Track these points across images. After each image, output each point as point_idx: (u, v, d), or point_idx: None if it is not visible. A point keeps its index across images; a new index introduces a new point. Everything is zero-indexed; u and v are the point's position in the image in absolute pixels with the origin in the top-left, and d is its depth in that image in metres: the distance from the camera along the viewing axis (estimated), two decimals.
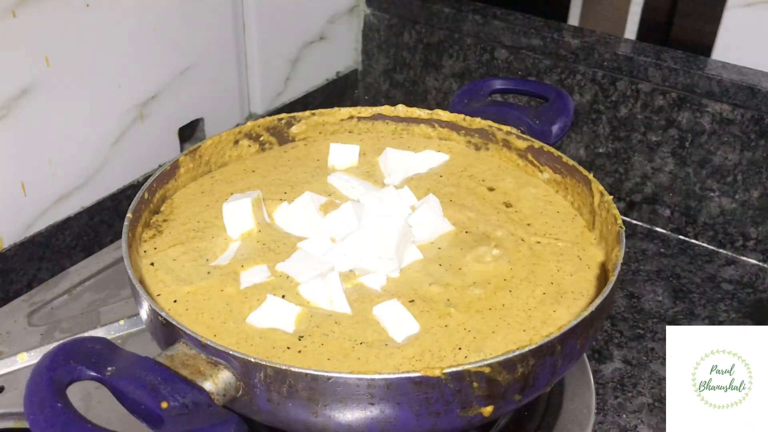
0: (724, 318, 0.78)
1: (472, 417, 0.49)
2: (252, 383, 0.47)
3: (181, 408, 0.44)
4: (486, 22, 0.96)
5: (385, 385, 0.46)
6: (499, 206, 0.66)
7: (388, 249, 0.57)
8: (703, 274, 0.85)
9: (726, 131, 0.83)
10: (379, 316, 0.54)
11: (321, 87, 1.07)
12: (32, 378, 0.43)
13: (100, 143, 0.81)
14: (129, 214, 0.59)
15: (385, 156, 0.71)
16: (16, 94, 0.71)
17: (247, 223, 0.62)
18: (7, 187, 0.74)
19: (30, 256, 0.77)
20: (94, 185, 0.81)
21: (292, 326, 0.53)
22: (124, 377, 0.45)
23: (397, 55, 1.07)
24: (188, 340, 0.48)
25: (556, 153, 0.68)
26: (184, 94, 0.87)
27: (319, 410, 0.47)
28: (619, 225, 0.58)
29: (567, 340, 0.50)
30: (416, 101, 1.07)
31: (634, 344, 0.74)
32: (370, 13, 1.07)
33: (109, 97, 0.80)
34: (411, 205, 0.64)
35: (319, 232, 0.61)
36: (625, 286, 0.82)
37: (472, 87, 0.79)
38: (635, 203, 0.93)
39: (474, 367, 0.46)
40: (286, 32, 0.98)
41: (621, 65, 0.88)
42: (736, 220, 0.86)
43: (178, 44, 0.85)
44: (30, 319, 0.74)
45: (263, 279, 0.57)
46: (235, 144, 0.72)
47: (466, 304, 0.55)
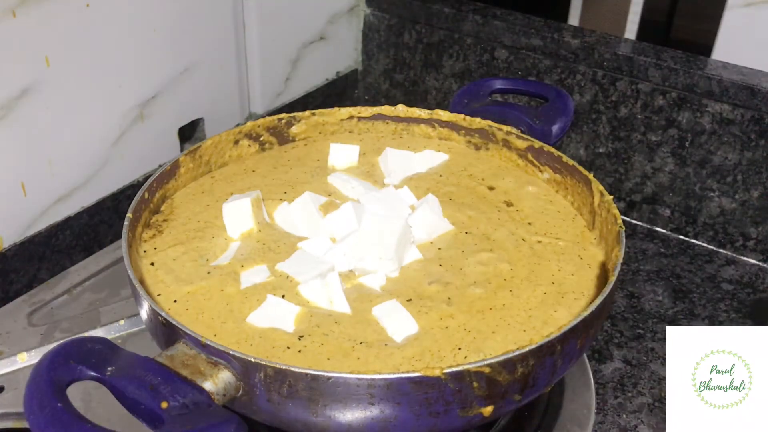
0: (724, 318, 0.78)
1: (472, 417, 0.49)
2: (252, 383, 0.47)
3: (181, 408, 0.44)
4: (486, 22, 0.96)
5: (385, 385, 0.46)
6: (499, 205, 0.66)
7: (388, 249, 0.57)
8: (703, 274, 0.85)
9: (726, 131, 0.83)
10: (379, 316, 0.54)
11: (321, 87, 1.07)
12: (32, 378, 0.43)
13: (100, 143, 0.81)
14: (129, 214, 0.59)
15: (385, 156, 0.71)
16: (16, 94, 0.71)
17: (247, 223, 0.62)
18: (7, 187, 0.74)
19: (30, 256, 0.77)
20: (94, 185, 0.81)
21: (292, 326, 0.53)
22: (124, 377, 0.45)
23: (397, 55, 1.07)
24: (188, 340, 0.48)
25: (556, 153, 0.68)
26: (184, 94, 0.87)
27: (319, 410, 0.47)
28: (619, 225, 0.58)
29: (567, 340, 0.50)
30: (416, 101, 1.07)
31: (634, 344, 0.74)
32: (370, 13, 1.07)
33: (109, 97, 0.80)
34: (411, 204, 0.64)
35: (319, 232, 0.61)
36: (625, 286, 0.82)
37: (472, 87, 0.79)
38: (635, 203, 0.93)
39: (474, 367, 0.46)
40: (286, 32, 0.98)
41: (621, 65, 0.88)
42: (736, 220, 0.86)
43: (178, 44, 0.85)
44: (30, 319, 0.74)
45: (263, 279, 0.57)
46: (235, 144, 0.72)
47: (467, 304, 0.55)
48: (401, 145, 0.74)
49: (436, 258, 0.60)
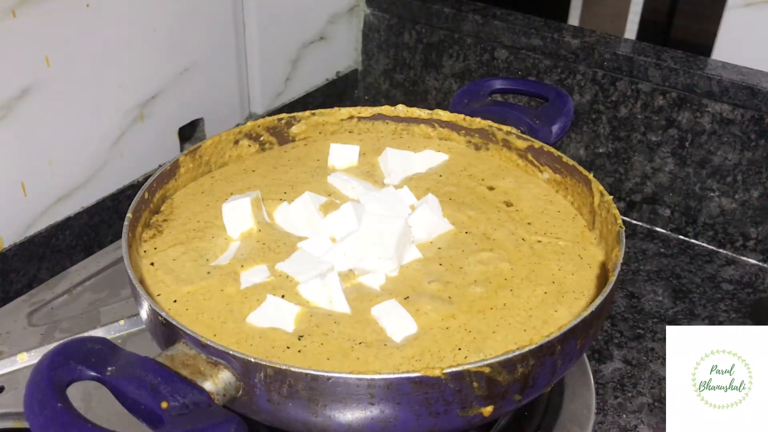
0: (724, 318, 0.78)
1: (472, 417, 0.49)
2: (252, 383, 0.47)
3: (181, 408, 0.44)
4: (486, 22, 0.96)
5: (385, 385, 0.46)
6: (499, 205, 0.66)
7: (387, 249, 0.57)
8: (703, 274, 0.85)
9: (726, 131, 0.83)
10: (378, 316, 0.54)
11: (321, 87, 1.07)
12: (32, 378, 0.43)
13: (100, 143, 0.81)
14: (129, 214, 0.59)
15: (384, 156, 0.71)
16: (16, 94, 0.71)
17: (247, 223, 0.62)
18: (7, 187, 0.74)
19: (30, 256, 0.77)
20: (94, 185, 0.81)
21: (291, 326, 0.53)
22: (124, 377, 0.45)
23: (397, 55, 1.07)
24: (188, 340, 0.48)
25: (556, 153, 0.68)
26: (184, 94, 0.88)
27: (319, 410, 0.47)
28: (619, 225, 0.58)
29: (567, 340, 0.50)
30: (416, 101, 1.07)
31: (634, 344, 0.74)
32: (370, 13, 1.07)
33: (109, 97, 0.80)
34: (411, 204, 0.64)
35: (319, 232, 0.61)
36: (625, 286, 0.82)
37: (472, 87, 0.79)
38: (635, 203, 0.93)
39: (474, 367, 0.46)
40: (286, 32, 0.98)
41: (621, 65, 0.88)
42: (736, 220, 0.86)
43: (178, 44, 0.85)
44: (30, 319, 0.74)
45: (263, 279, 0.57)
46: (235, 144, 0.72)
47: (467, 304, 0.55)
48: (401, 145, 0.74)
49: (436, 257, 0.60)
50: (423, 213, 0.62)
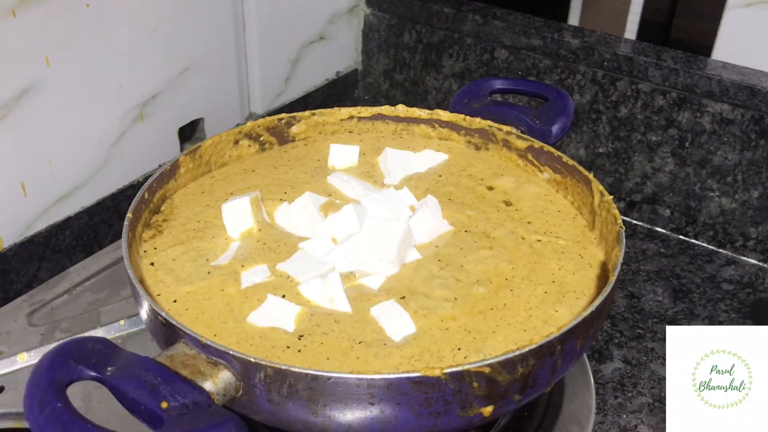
0: (724, 318, 0.78)
1: (472, 417, 0.49)
2: (252, 383, 0.47)
3: (181, 408, 0.44)
4: (486, 22, 0.96)
5: (385, 385, 0.46)
6: (498, 205, 0.66)
7: (389, 253, 0.57)
8: (703, 274, 0.85)
9: (726, 131, 0.83)
10: (377, 316, 0.54)
11: (321, 87, 1.07)
12: (32, 378, 0.43)
13: (100, 143, 0.81)
14: (129, 214, 0.59)
15: (384, 156, 0.71)
16: (16, 94, 0.71)
17: (247, 222, 0.62)
18: (7, 187, 0.74)
19: (30, 256, 0.77)
20: (94, 185, 0.81)
21: (292, 325, 0.53)
22: (124, 377, 0.45)
23: (397, 55, 1.07)
24: (188, 340, 0.48)
25: (556, 153, 0.68)
26: (184, 94, 0.87)
27: (319, 410, 0.47)
28: (619, 225, 0.58)
29: (567, 340, 0.50)
30: (416, 101, 1.07)
31: (634, 344, 0.74)
32: (370, 13, 1.07)
33: (109, 97, 0.80)
34: (410, 205, 0.64)
35: (320, 232, 0.61)
36: (625, 286, 0.82)
37: (472, 87, 0.79)
38: (635, 203, 0.93)
39: (474, 367, 0.46)
40: (286, 32, 0.98)
41: (621, 65, 0.88)
42: (736, 220, 0.86)
43: (178, 44, 0.85)
44: (30, 319, 0.74)
45: (264, 279, 0.57)
46: (235, 144, 0.72)
47: (469, 305, 0.55)
48: (401, 145, 0.74)
49: (436, 257, 0.60)
50: (423, 215, 0.62)
